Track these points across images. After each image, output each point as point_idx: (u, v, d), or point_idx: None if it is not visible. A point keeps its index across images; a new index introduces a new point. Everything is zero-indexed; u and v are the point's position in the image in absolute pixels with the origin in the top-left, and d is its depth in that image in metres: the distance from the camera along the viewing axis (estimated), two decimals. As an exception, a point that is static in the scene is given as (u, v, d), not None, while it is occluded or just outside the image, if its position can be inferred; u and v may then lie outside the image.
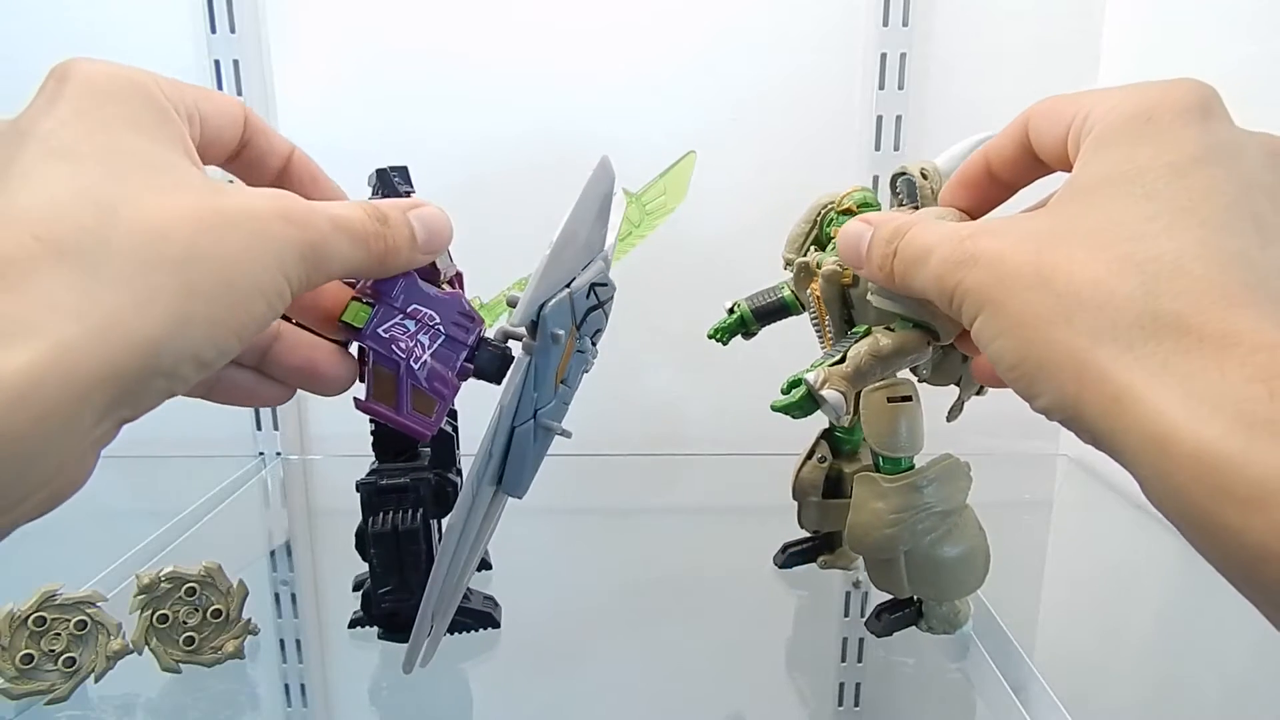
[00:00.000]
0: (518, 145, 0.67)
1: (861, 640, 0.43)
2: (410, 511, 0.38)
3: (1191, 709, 0.41)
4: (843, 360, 0.35)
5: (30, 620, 0.36)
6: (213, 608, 0.39)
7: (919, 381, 0.40)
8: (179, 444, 0.71)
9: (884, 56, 0.65)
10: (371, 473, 0.39)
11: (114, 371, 0.18)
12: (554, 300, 0.30)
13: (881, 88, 0.65)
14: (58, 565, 0.53)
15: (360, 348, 0.32)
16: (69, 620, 0.36)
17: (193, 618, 0.38)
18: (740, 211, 0.67)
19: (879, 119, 0.66)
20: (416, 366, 0.31)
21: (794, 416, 0.35)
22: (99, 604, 0.37)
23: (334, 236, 0.24)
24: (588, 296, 0.31)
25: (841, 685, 0.42)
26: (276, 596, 0.50)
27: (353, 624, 0.41)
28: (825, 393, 0.34)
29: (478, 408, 0.35)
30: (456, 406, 0.41)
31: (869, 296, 0.36)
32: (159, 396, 0.21)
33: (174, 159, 0.21)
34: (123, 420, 0.20)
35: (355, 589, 0.44)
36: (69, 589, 0.37)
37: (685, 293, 0.65)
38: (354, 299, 0.31)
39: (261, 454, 0.71)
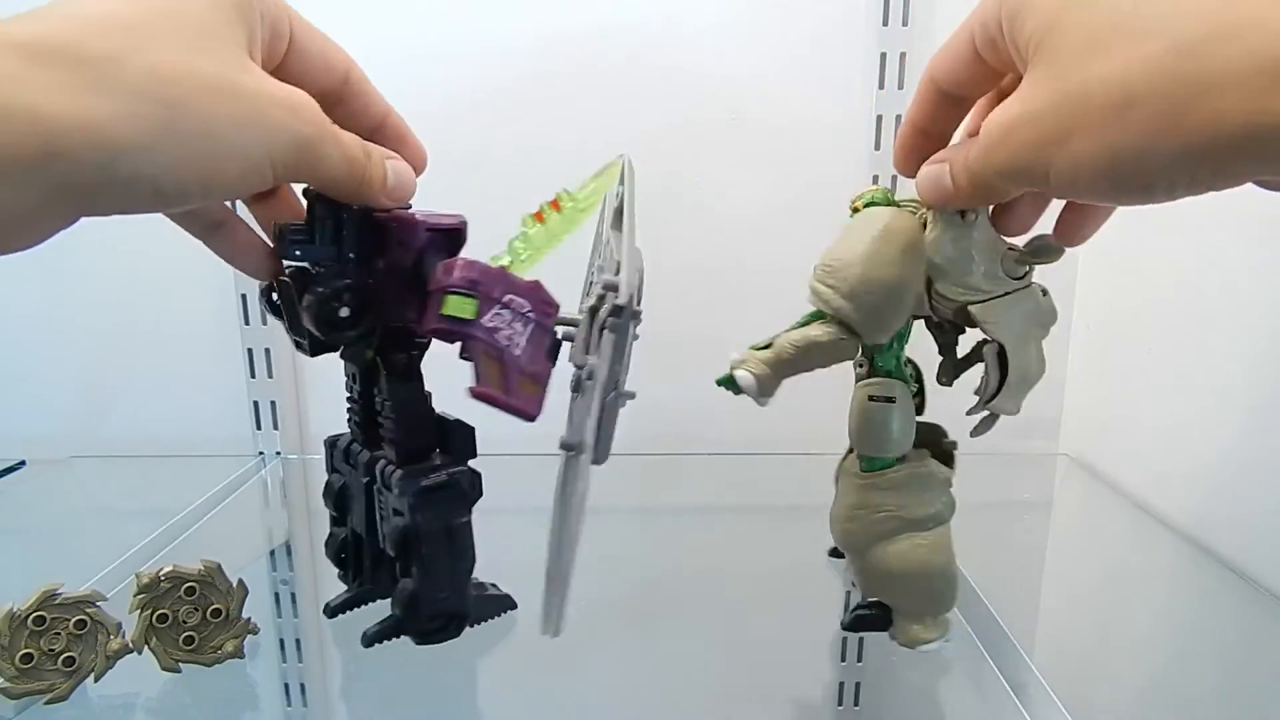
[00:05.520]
0: (517, 144, 0.67)
1: (861, 640, 0.43)
2: (457, 507, 0.37)
3: (1191, 708, 0.41)
4: (768, 346, 0.37)
5: (30, 620, 0.36)
6: (212, 607, 0.39)
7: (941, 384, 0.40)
8: (179, 444, 0.71)
9: (884, 56, 0.65)
10: (405, 475, 0.37)
11: (65, 155, 0.22)
12: (640, 280, 0.32)
13: (881, 87, 0.65)
14: (58, 565, 0.53)
15: (454, 338, 0.32)
16: (69, 620, 0.36)
17: (192, 617, 0.38)
18: (740, 210, 0.67)
19: (879, 119, 0.66)
20: (518, 353, 0.32)
21: (733, 393, 0.37)
22: (99, 603, 0.37)
23: (328, 143, 0.28)
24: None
25: (841, 685, 0.42)
26: (276, 596, 0.50)
27: (376, 640, 0.39)
28: (737, 372, 0.36)
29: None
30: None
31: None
32: (115, 202, 0.24)
33: (222, 37, 0.26)
34: (77, 209, 0.24)
35: (331, 615, 0.42)
36: (69, 589, 0.37)
37: (684, 290, 0.65)
38: (451, 292, 0.32)
39: (261, 454, 0.71)
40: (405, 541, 0.37)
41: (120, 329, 0.70)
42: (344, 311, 0.33)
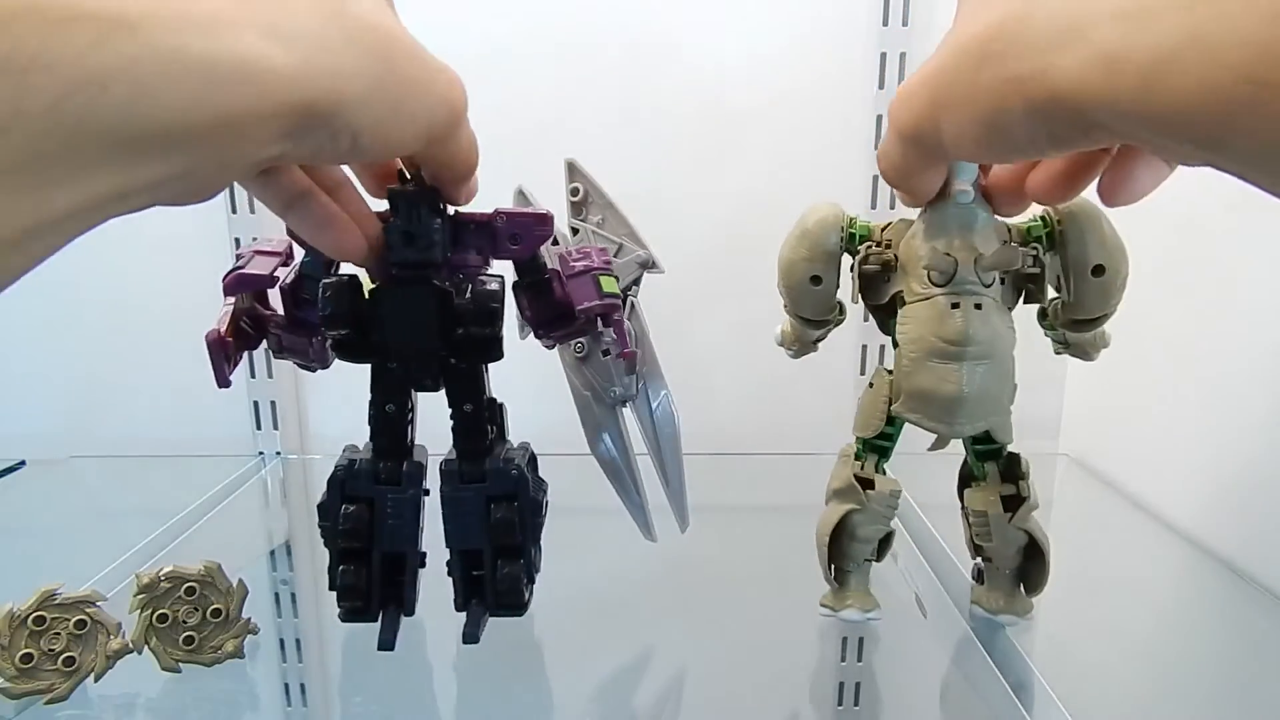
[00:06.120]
0: (515, 142, 0.66)
1: (861, 640, 0.43)
2: (537, 472, 0.38)
3: (1191, 708, 0.41)
4: None
5: (30, 620, 0.36)
6: (212, 607, 0.39)
7: None
8: (179, 444, 0.71)
9: (884, 56, 0.65)
10: (506, 459, 0.36)
11: (310, 104, 0.21)
12: None
13: (881, 87, 0.65)
14: (58, 565, 0.53)
15: (611, 310, 0.36)
16: (69, 620, 0.36)
17: (192, 617, 0.38)
18: (740, 210, 0.67)
19: (879, 118, 0.66)
20: (625, 314, 0.39)
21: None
22: (99, 603, 0.37)
23: (466, 122, 0.28)
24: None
25: (841, 685, 0.42)
26: (276, 596, 0.50)
27: (479, 634, 0.36)
28: (776, 328, 0.43)
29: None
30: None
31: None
32: (313, 146, 0.23)
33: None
34: (276, 154, 0.22)
35: (392, 647, 0.36)
36: (69, 589, 0.37)
37: (681, 290, 0.65)
38: (602, 274, 0.36)
39: (261, 454, 0.71)
40: (524, 521, 0.36)
41: (120, 329, 0.70)
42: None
